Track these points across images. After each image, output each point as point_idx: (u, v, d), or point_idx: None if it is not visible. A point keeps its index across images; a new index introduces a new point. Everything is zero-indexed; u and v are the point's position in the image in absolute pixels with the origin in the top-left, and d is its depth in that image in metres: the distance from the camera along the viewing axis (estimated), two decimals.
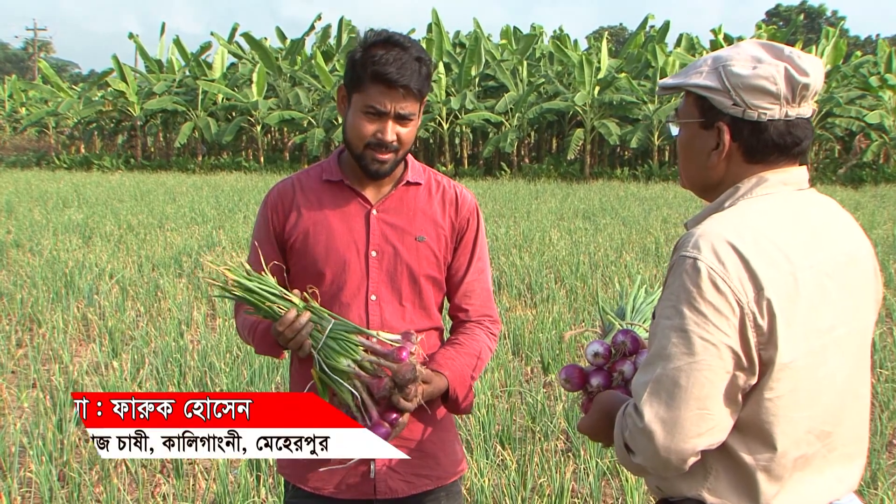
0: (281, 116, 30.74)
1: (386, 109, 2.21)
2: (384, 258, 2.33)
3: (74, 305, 8.56)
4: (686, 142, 1.81)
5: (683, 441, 1.57)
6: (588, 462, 4.65)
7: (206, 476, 4.65)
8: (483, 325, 2.46)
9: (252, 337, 2.38)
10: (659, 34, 32.36)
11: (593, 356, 2.05)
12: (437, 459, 2.41)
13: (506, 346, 7.10)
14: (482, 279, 2.48)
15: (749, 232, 1.61)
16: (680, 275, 1.60)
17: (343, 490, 2.34)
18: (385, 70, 2.17)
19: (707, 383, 1.55)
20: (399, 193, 2.38)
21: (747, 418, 1.62)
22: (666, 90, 1.84)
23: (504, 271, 10.24)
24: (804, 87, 1.67)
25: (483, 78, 32.11)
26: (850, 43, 49.93)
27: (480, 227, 2.48)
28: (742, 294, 1.55)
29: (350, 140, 2.28)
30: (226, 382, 5.86)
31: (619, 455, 1.71)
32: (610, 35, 50.77)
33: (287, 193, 2.40)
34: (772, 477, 1.63)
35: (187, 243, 12.36)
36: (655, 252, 11.84)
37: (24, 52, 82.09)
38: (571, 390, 2.08)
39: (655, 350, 1.61)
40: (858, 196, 21.33)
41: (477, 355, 2.39)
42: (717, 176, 1.76)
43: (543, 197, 20.91)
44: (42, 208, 17.36)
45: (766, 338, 1.56)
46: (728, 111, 1.69)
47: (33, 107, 38.28)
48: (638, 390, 1.62)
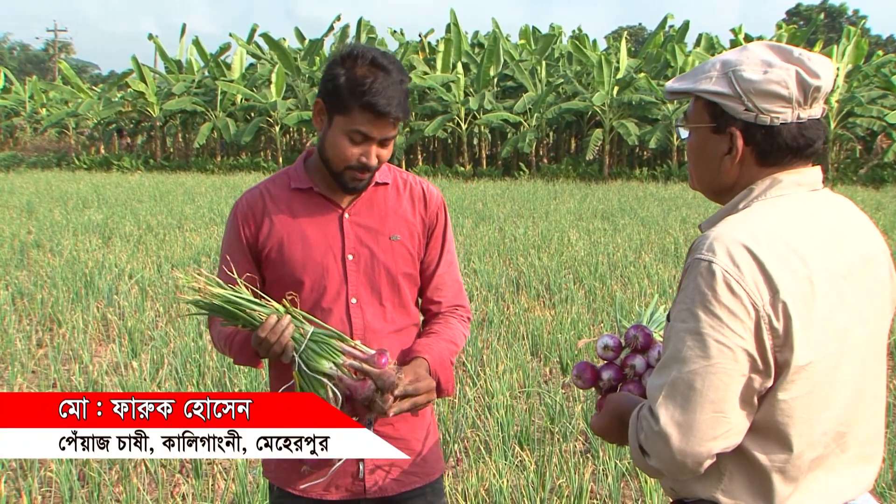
0: (299, 117, 30.80)
1: (373, 136, 2.22)
2: (361, 261, 2.35)
3: (94, 305, 8.61)
4: (697, 146, 1.80)
5: (699, 444, 1.57)
6: (607, 463, 4.63)
7: (225, 476, 4.66)
8: (455, 313, 2.51)
9: (229, 348, 2.37)
10: (678, 34, 32.23)
11: (603, 349, 2.07)
12: (423, 457, 2.45)
13: (524, 346, 7.08)
14: (451, 271, 2.52)
15: (764, 234, 1.60)
16: (695, 278, 1.59)
17: (332, 491, 2.36)
18: (375, 101, 2.17)
19: (722, 386, 1.55)
20: (368, 195, 2.40)
21: (763, 420, 1.61)
22: (674, 95, 1.83)
23: (523, 272, 10.22)
24: (816, 90, 1.66)
25: (502, 78, 32.07)
26: (872, 42, 49.56)
27: (448, 220, 2.52)
28: (757, 297, 1.55)
29: (330, 159, 2.28)
30: (244, 383, 5.87)
31: (633, 456, 1.72)
32: (629, 35, 50.63)
33: (256, 204, 2.40)
34: (787, 478, 1.63)
35: (206, 244, 12.41)
36: (675, 252, 11.78)
37: (45, 53, 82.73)
38: (583, 387, 2.09)
39: (670, 353, 1.61)
40: (880, 196, 21.16)
41: (453, 341, 2.43)
42: (730, 180, 1.75)
43: (562, 197, 20.86)
44: (62, 209, 17.47)
45: (782, 340, 1.56)
46: (740, 116, 1.68)
47: (53, 108, 38.50)
48: (653, 393, 1.62)
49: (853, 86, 28.09)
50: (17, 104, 40.41)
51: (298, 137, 35.77)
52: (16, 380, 6.21)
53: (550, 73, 31.97)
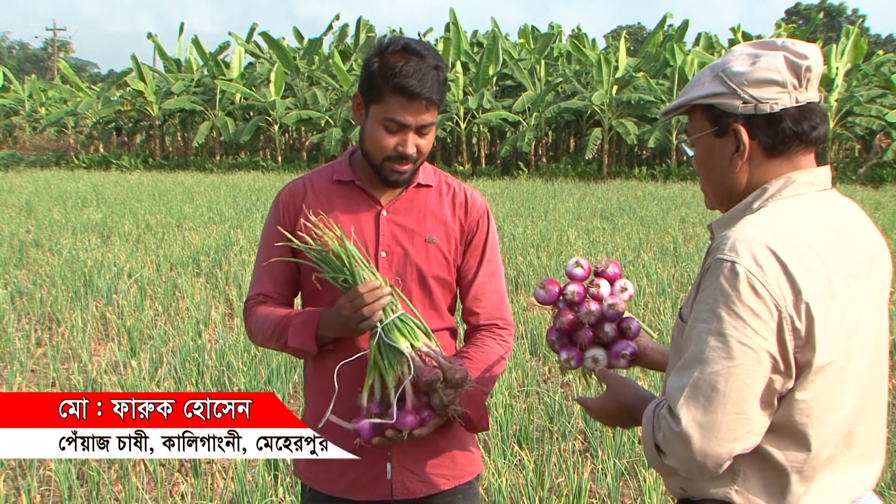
0: (298, 116, 30.81)
1: (407, 123, 2.20)
2: (394, 259, 2.33)
3: (93, 305, 8.61)
4: (704, 157, 1.79)
5: (720, 445, 1.57)
6: (606, 462, 4.64)
7: (224, 475, 4.66)
8: (493, 332, 2.44)
9: (286, 327, 2.29)
10: (678, 33, 32.23)
11: (574, 264, 2.13)
12: (453, 458, 2.40)
13: (523, 345, 7.09)
14: (493, 282, 2.46)
15: (785, 235, 1.60)
16: (717, 278, 1.58)
17: (359, 492, 2.33)
18: (406, 83, 2.15)
19: (745, 387, 1.55)
20: (409, 195, 2.37)
21: (780, 420, 1.62)
22: (670, 113, 1.84)
23: (521, 271, 10.22)
24: (807, 70, 1.67)
25: (501, 77, 32.09)
26: (871, 41, 49.58)
27: (491, 230, 2.47)
28: (780, 298, 1.55)
29: (369, 151, 2.27)
30: (244, 382, 5.87)
31: (648, 454, 1.71)
32: (628, 34, 50.56)
33: (298, 193, 2.39)
34: (803, 477, 1.64)
35: (205, 243, 12.40)
36: (674, 252, 11.79)
37: (44, 52, 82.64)
38: (544, 300, 2.13)
39: (692, 353, 1.61)
40: (879, 196, 21.17)
41: (488, 368, 2.37)
42: (743, 180, 1.74)
43: (561, 196, 20.86)
44: (61, 208, 17.46)
45: (804, 341, 1.56)
46: (740, 111, 1.69)
47: (53, 107, 38.51)
48: (674, 394, 1.62)
49: (852, 85, 28.11)
50: (16, 103, 40.41)
51: (297, 136, 35.75)
52: (15, 379, 6.21)
53: (549, 72, 31.97)
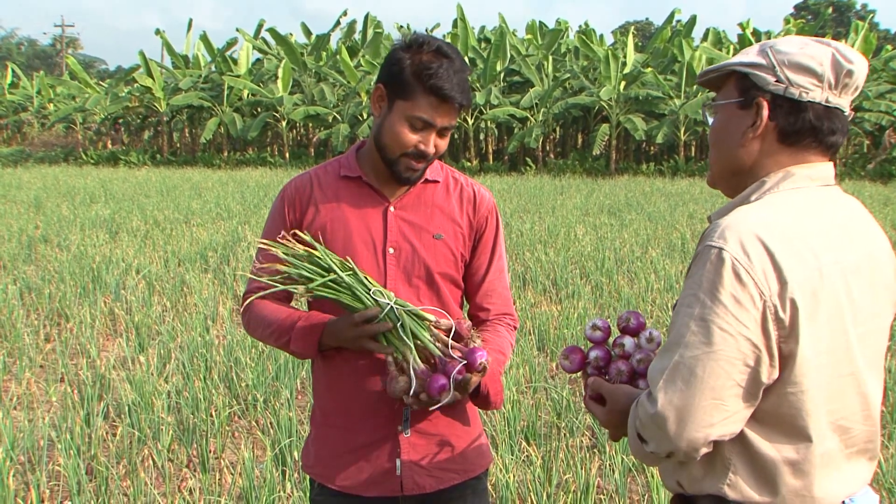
0: (306, 112, 30.83)
1: (435, 123, 2.20)
2: (401, 255, 2.32)
3: (101, 300, 8.63)
4: (721, 125, 1.80)
5: (695, 430, 1.58)
6: (613, 458, 4.63)
7: (231, 471, 4.67)
8: (503, 322, 2.46)
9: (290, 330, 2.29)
10: (685, 29, 32.13)
11: (591, 328, 2.07)
12: (462, 453, 2.40)
13: (531, 341, 7.08)
14: (501, 279, 2.47)
15: (777, 225, 1.61)
16: (704, 264, 1.59)
17: (369, 487, 2.33)
18: (442, 85, 2.15)
19: (723, 374, 1.56)
20: (417, 191, 2.37)
21: (771, 412, 1.62)
22: (707, 74, 1.84)
23: (529, 267, 10.21)
24: (848, 74, 1.67)
25: (508, 73, 32.03)
26: (881, 37, 49.35)
27: (500, 226, 2.47)
28: (765, 287, 1.55)
29: (387, 145, 2.25)
30: (251, 378, 5.88)
31: (632, 446, 1.72)
32: (636, 30, 50.47)
33: (305, 189, 2.38)
34: (795, 471, 1.64)
35: (213, 238, 12.42)
36: (682, 248, 11.76)
37: (52, 49, 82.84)
38: (570, 369, 2.08)
39: (674, 337, 1.62)
40: (888, 191, 21.10)
41: (502, 351, 2.38)
42: (749, 159, 1.75)
43: (569, 192, 20.84)
44: (70, 204, 17.51)
45: (788, 332, 1.56)
46: (769, 88, 1.69)
47: (61, 103, 38.60)
48: (654, 376, 1.63)
49: None
50: (24, 99, 40.55)
51: (305, 133, 35.80)
52: (24, 374, 6.24)
53: (557, 67, 31.94)
